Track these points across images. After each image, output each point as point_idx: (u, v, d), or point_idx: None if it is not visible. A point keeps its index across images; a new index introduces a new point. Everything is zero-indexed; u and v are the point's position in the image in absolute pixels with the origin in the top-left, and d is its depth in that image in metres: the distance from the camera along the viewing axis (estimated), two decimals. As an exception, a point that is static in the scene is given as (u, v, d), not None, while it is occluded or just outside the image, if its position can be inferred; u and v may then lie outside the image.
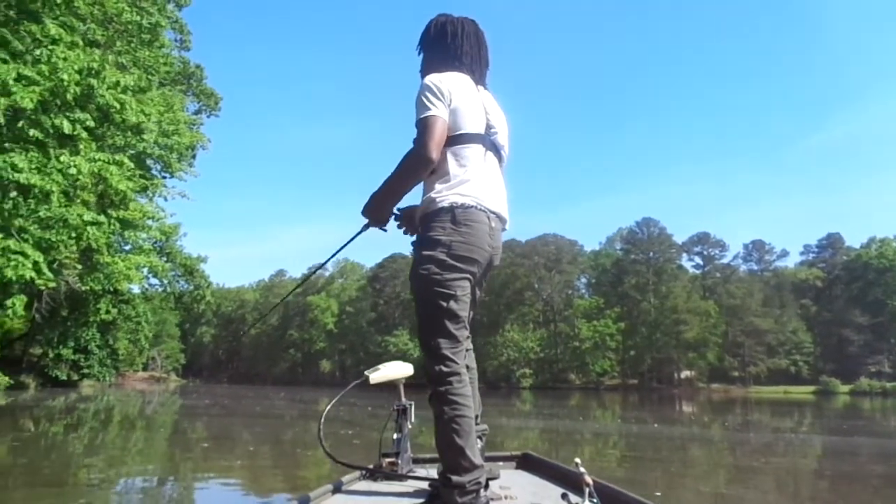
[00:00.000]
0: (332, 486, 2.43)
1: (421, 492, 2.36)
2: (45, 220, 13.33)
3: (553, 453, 8.80)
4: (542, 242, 75.41)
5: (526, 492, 2.41)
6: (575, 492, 2.13)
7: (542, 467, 2.90)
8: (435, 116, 2.14)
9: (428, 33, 2.47)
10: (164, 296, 36.98)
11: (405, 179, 2.22)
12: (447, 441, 2.03)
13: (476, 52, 2.43)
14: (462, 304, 2.18)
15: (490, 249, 2.25)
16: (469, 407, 2.09)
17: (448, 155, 2.22)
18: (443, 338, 2.13)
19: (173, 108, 22.94)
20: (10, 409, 17.53)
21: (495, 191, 2.33)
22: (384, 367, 2.93)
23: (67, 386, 33.02)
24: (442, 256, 2.13)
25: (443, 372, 2.10)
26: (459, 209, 2.16)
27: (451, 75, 2.28)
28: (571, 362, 69.10)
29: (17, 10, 12.25)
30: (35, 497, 5.29)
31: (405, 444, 2.71)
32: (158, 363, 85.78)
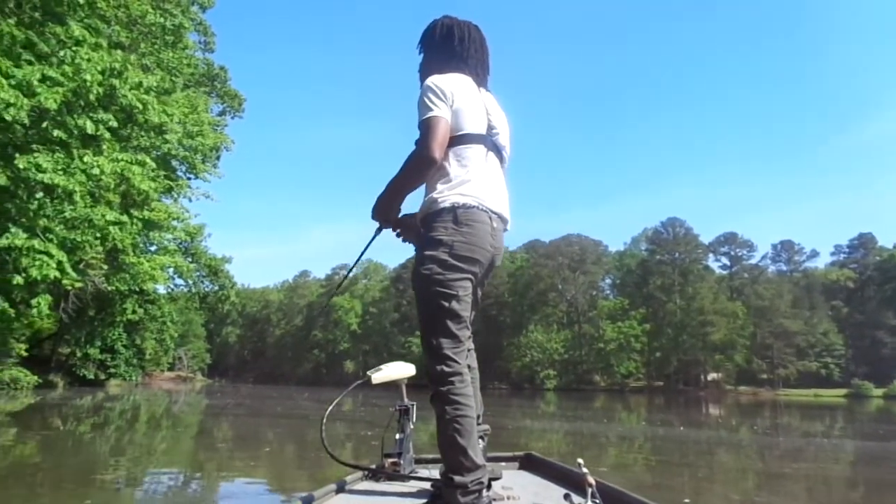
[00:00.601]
0: (336, 487, 2.44)
1: (423, 492, 2.37)
2: (70, 220, 13.47)
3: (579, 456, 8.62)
4: (565, 243, 74.83)
5: (528, 492, 2.41)
6: (577, 492, 2.15)
7: (545, 467, 2.91)
8: (437, 117, 2.16)
9: (433, 35, 2.49)
10: (189, 296, 37.43)
11: (409, 180, 2.25)
12: (449, 441, 2.04)
13: (481, 56, 2.47)
14: (464, 305, 2.19)
15: (492, 249, 2.26)
16: (471, 407, 2.10)
17: (450, 155, 2.24)
18: (444, 338, 2.14)
19: (197, 110, 23.10)
20: (40, 407, 17.72)
21: (497, 191, 2.34)
22: (386, 367, 2.92)
23: (95, 385, 33.45)
24: (444, 256, 2.15)
25: (444, 372, 2.10)
26: (461, 209, 2.18)
27: (454, 76, 2.30)
28: (596, 364, 68.49)
29: (42, 11, 12.39)
30: (62, 493, 5.28)
31: (407, 445, 2.72)
32: (185, 363, 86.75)
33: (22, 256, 11.22)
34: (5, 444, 8.89)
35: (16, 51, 11.87)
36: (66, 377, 32.50)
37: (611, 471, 7.00)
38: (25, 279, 11.42)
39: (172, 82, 19.06)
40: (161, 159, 22.50)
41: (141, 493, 5.47)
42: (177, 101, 20.63)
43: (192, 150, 23.73)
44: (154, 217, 21.19)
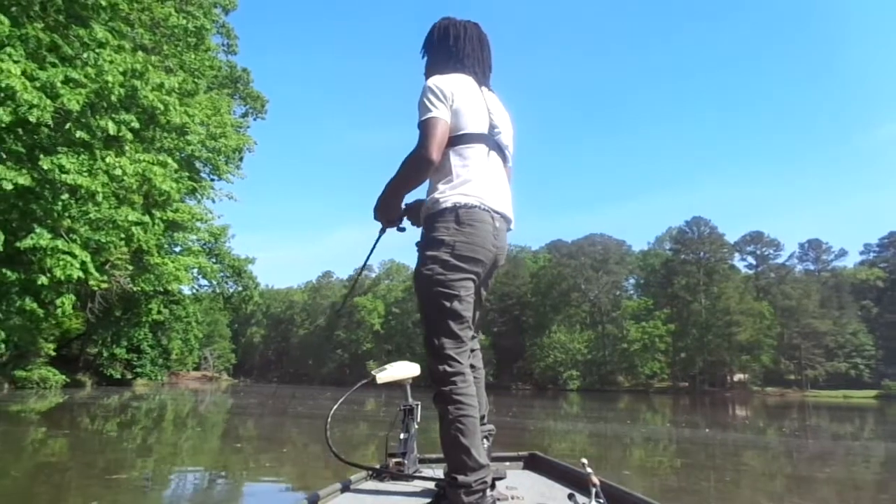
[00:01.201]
0: (341, 486, 2.46)
1: (427, 491, 2.37)
2: (95, 221, 13.60)
3: (602, 458, 8.47)
4: (588, 243, 74.30)
5: (532, 492, 2.41)
6: (581, 492, 2.15)
7: (549, 467, 2.91)
8: (436, 118, 2.16)
9: (431, 37, 2.51)
10: (214, 297, 37.74)
11: (407, 181, 2.25)
12: (452, 441, 2.04)
13: (479, 54, 2.46)
14: (466, 305, 2.19)
15: (494, 249, 2.27)
16: (474, 407, 2.10)
17: (451, 155, 2.24)
18: (447, 338, 2.14)
19: (220, 112, 23.23)
20: (68, 406, 17.96)
21: (499, 191, 2.33)
22: (391, 366, 2.94)
23: (122, 384, 33.89)
24: (445, 256, 2.15)
25: (447, 372, 2.11)
26: (463, 209, 2.17)
27: (454, 77, 2.30)
28: (620, 364, 67.90)
29: (66, 14, 12.52)
30: (88, 491, 5.30)
31: (411, 445, 2.72)
32: (210, 363, 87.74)
33: (46, 257, 11.34)
34: (34, 442, 8.99)
35: (41, 54, 12.01)
36: (94, 376, 32.97)
37: (635, 474, 6.85)
38: (50, 279, 11.56)
39: (195, 84, 19.18)
40: (185, 161, 22.70)
41: (154, 491, 5.45)
42: (200, 104, 20.78)
43: (215, 152, 23.88)
44: (178, 218, 21.33)
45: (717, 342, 63.97)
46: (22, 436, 9.72)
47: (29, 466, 6.69)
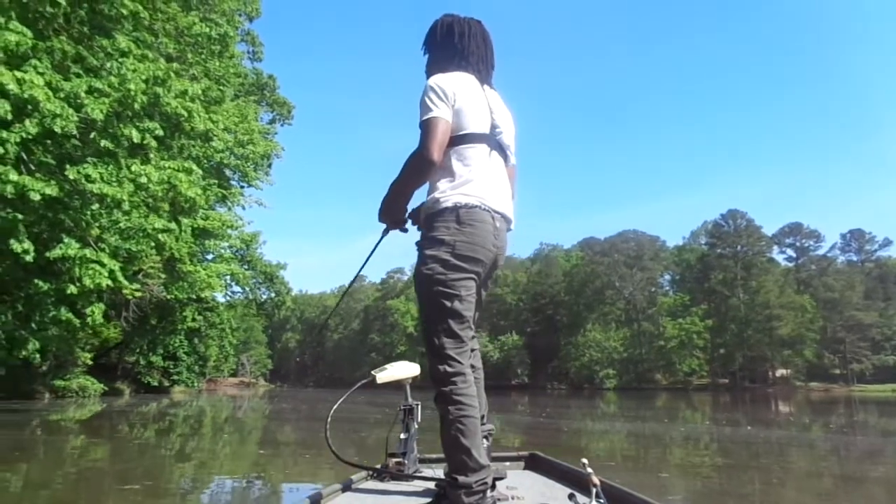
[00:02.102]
0: (342, 486, 2.47)
1: (427, 492, 2.37)
2: (125, 230, 13.73)
3: (640, 459, 8.17)
4: (621, 239, 73.30)
5: (533, 492, 2.42)
6: (582, 492, 2.15)
7: (550, 467, 2.91)
8: (437, 118, 2.15)
9: (434, 34, 2.48)
10: (247, 303, 38.13)
11: (409, 181, 2.25)
12: (452, 441, 2.04)
13: (482, 52, 2.44)
14: (466, 304, 2.18)
15: (494, 249, 2.26)
16: (474, 407, 2.09)
17: (452, 155, 2.23)
18: (447, 338, 2.13)
19: (247, 119, 23.42)
20: (107, 414, 18.13)
21: (500, 191, 2.32)
22: (391, 367, 2.94)
23: (159, 392, 34.31)
24: (446, 256, 2.14)
25: (447, 372, 2.10)
26: (463, 209, 2.17)
27: (456, 75, 2.29)
28: (657, 362, 66.83)
29: (89, 25, 12.64)
30: (129, 497, 5.28)
31: (412, 445, 2.73)
32: (247, 369, 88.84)
33: (75, 266, 11.43)
34: (73, 450, 9.02)
35: (66, 65, 12.12)
36: (132, 384, 33.44)
37: (674, 476, 6.55)
38: (79, 288, 11.65)
39: (221, 91, 19.32)
40: (214, 169, 22.92)
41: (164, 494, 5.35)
42: (227, 111, 20.94)
43: (243, 159, 24.10)
44: (208, 226, 21.55)
45: (758, 337, 62.55)
46: (62, 444, 9.81)
47: (69, 474, 6.69)
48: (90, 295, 12.48)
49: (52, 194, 10.71)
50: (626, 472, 6.56)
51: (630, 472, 6.63)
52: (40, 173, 11.34)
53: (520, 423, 14.56)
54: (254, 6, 23.04)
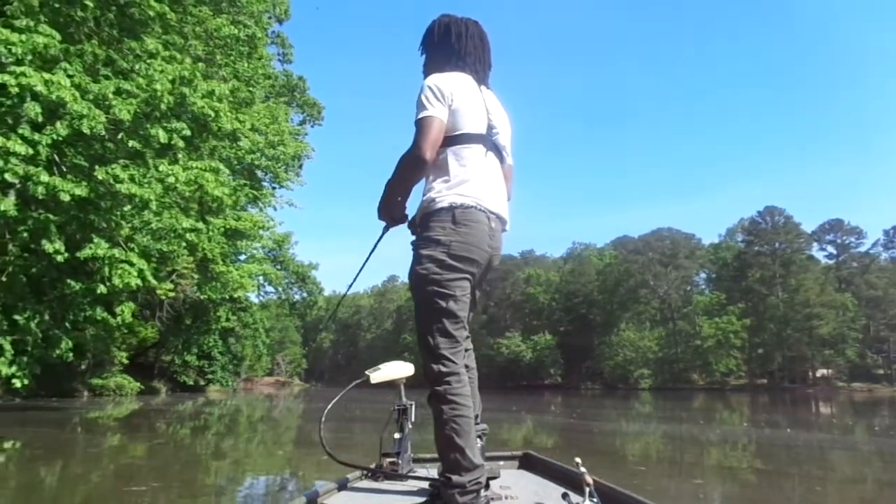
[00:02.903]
0: (337, 484, 2.50)
1: (422, 491, 2.37)
2: (157, 231, 13.85)
3: (675, 462, 7.91)
4: (655, 237, 72.14)
5: (527, 491, 2.43)
6: (576, 491, 2.15)
7: (544, 467, 2.92)
8: (431, 117, 2.15)
9: (431, 34, 2.48)
10: (280, 303, 38.49)
11: (403, 179, 2.26)
12: (446, 441, 2.04)
13: (480, 52, 2.44)
14: (461, 304, 2.19)
15: (490, 250, 2.27)
16: (468, 406, 2.11)
17: (448, 155, 2.24)
18: (442, 337, 2.14)
19: (278, 120, 23.55)
20: (145, 412, 18.39)
21: (496, 191, 2.33)
22: (385, 366, 2.93)
23: (195, 391, 34.77)
24: (441, 256, 2.15)
25: (441, 372, 2.11)
26: (459, 209, 2.18)
27: (453, 75, 2.29)
28: (693, 362, 65.62)
29: (118, 28, 12.79)
30: (166, 494, 5.30)
31: (406, 444, 2.74)
32: (283, 368, 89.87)
33: (105, 266, 11.54)
34: (110, 447, 9.09)
35: (97, 68, 12.26)
36: (168, 383, 33.95)
37: (710, 481, 6.28)
38: (109, 288, 11.78)
39: (251, 93, 19.43)
40: (246, 170, 23.10)
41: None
42: (258, 112, 21.06)
43: (274, 160, 24.22)
44: (240, 226, 21.69)
45: (797, 337, 60.95)
46: (99, 441, 9.95)
47: (101, 470, 6.74)
48: (120, 294, 12.59)
49: (82, 195, 10.83)
50: (659, 476, 6.32)
51: (663, 477, 6.39)
52: (72, 175, 11.48)
53: (548, 424, 14.33)
54: (282, 7, 23.13)
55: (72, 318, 13.88)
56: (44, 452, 7.99)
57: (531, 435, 11.43)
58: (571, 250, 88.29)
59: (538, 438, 10.77)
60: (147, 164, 11.69)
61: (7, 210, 10.29)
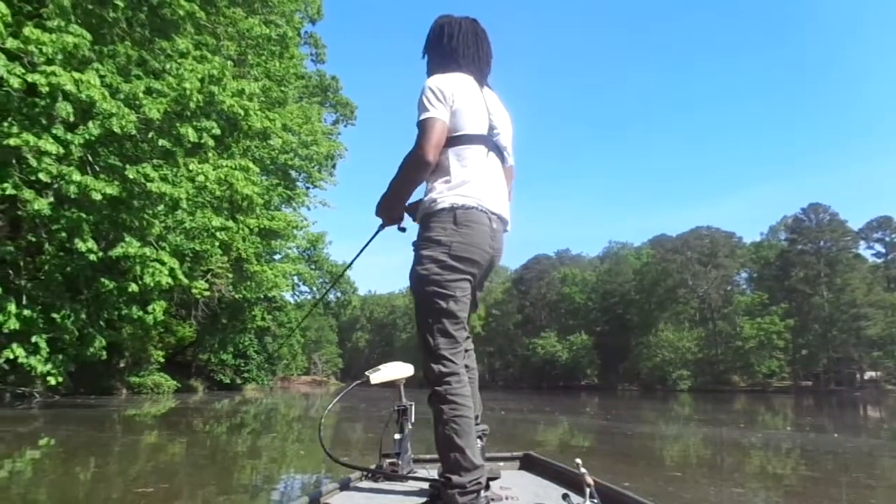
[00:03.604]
0: (339, 484, 2.50)
1: (422, 492, 2.36)
2: (190, 230, 13.94)
3: (715, 468, 7.57)
4: (694, 236, 70.78)
5: (527, 492, 2.43)
6: (576, 492, 2.16)
7: (544, 468, 2.92)
8: (433, 118, 2.16)
9: (429, 37, 2.49)
10: (314, 303, 38.73)
11: (406, 181, 2.26)
12: (447, 441, 2.04)
13: (474, 51, 2.42)
14: (462, 305, 2.19)
15: (491, 251, 2.26)
16: (468, 407, 2.10)
17: (450, 155, 2.24)
18: (442, 337, 2.14)
19: (311, 120, 23.65)
20: (181, 410, 18.54)
21: (497, 192, 2.33)
22: (385, 367, 2.94)
23: (232, 389, 35.13)
24: (442, 257, 2.15)
25: (442, 372, 2.11)
26: (460, 210, 2.18)
27: (454, 76, 2.30)
28: (734, 363, 64.19)
29: (150, 28, 12.90)
30: (204, 492, 5.29)
31: (406, 445, 2.74)
32: (319, 367, 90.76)
33: (136, 264, 11.62)
34: (148, 444, 9.11)
35: (128, 68, 12.36)
36: (206, 381, 34.38)
37: (752, 489, 5.93)
38: (141, 287, 11.87)
39: (283, 93, 19.51)
40: (280, 171, 23.25)
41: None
42: (291, 113, 21.16)
43: (307, 160, 24.32)
44: (274, 226, 21.83)
45: (843, 338, 59.15)
46: (131, 439, 9.98)
47: (127, 468, 6.72)
48: (152, 293, 12.69)
49: (113, 194, 10.91)
50: (696, 484, 5.99)
51: (701, 484, 6.06)
52: (104, 174, 11.58)
53: (581, 425, 13.98)
54: (314, 7, 23.18)
55: (106, 316, 14.02)
56: (76, 449, 8.03)
57: (560, 437, 11.14)
58: (608, 249, 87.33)
59: (566, 440, 10.48)
60: (177, 164, 11.75)
61: (41, 209, 10.43)
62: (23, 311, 11.55)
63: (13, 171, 10.56)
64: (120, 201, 11.60)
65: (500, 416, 16.46)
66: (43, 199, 10.61)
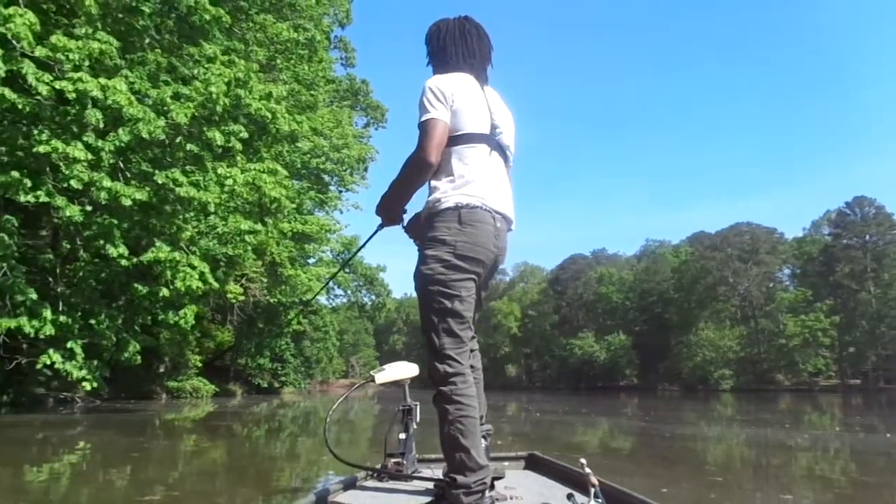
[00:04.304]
0: (344, 483, 2.53)
1: (427, 491, 2.35)
2: (223, 235, 14.02)
3: (758, 474, 7.23)
4: (734, 233, 69.26)
5: (532, 492, 2.41)
6: (581, 492, 2.16)
7: (549, 467, 2.90)
8: (435, 119, 2.16)
9: (426, 43, 2.51)
10: (349, 306, 38.95)
11: (408, 183, 2.28)
12: (452, 441, 2.04)
13: (463, 48, 2.39)
14: (467, 305, 2.19)
15: (495, 250, 2.26)
16: (473, 407, 2.08)
17: (453, 155, 2.23)
18: (447, 337, 2.13)
19: (342, 124, 23.73)
20: (220, 414, 18.70)
21: (500, 191, 2.33)
22: (390, 367, 2.95)
23: (269, 393, 35.41)
24: (447, 256, 2.15)
25: (447, 372, 2.09)
26: (465, 209, 2.17)
27: (454, 76, 2.29)
28: (777, 362, 62.60)
29: (178, 34, 13.01)
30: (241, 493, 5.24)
31: (410, 445, 2.75)
32: (357, 370, 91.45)
33: (167, 269, 11.70)
34: (186, 448, 9.13)
35: (159, 75, 12.47)
36: (244, 385, 34.74)
37: (800, 496, 5.61)
38: (172, 292, 11.95)
39: (312, 97, 19.56)
40: (314, 175, 23.36)
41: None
42: (322, 117, 21.23)
43: (339, 163, 24.40)
44: (307, 230, 21.92)
45: (893, 334, 57.19)
46: (178, 441, 10.09)
47: (186, 469, 6.76)
48: (183, 297, 12.77)
49: (143, 199, 11.00)
50: (740, 490, 5.68)
51: (745, 490, 5.74)
52: (135, 180, 11.70)
53: (618, 427, 13.63)
54: (343, 11, 23.23)
55: (140, 321, 14.18)
56: (113, 454, 8.06)
57: (598, 439, 10.85)
58: (645, 248, 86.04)
59: (605, 442, 10.19)
60: (205, 168, 11.82)
61: (73, 216, 10.57)
62: (59, 317, 11.72)
63: (47, 178, 10.72)
64: (151, 206, 11.70)
65: (536, 417, 16.20)
66: (75, 206, 10.75)
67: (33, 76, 9.61)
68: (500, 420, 15.10)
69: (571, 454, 7.44)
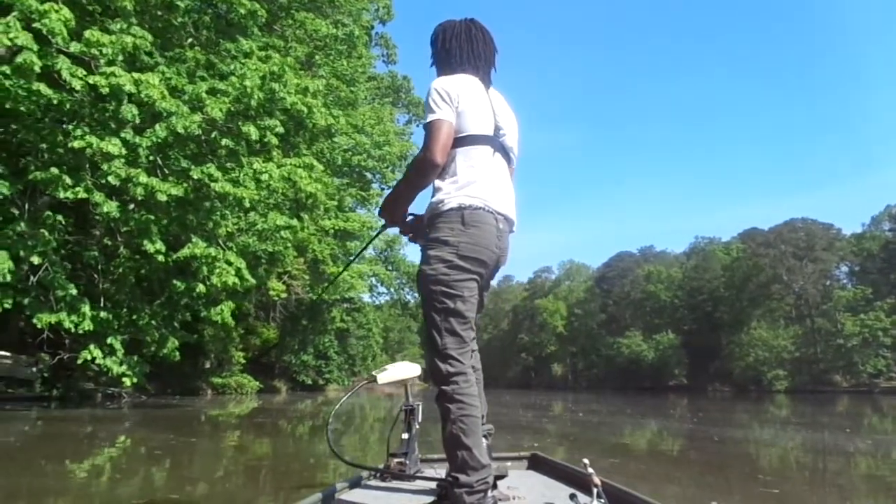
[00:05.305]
0: (349, 483, 2.55)
1: (430, 491, 2.36)
2: (263, 231, 14.00)
3: (815, 482, 6.73)
4: (788, 229, 67.05)
5: (534, 492, 2.41)
6: (583, 492, 2.17)
7: (552, 467, 2.89)
8: (440, 120, 2.17)
9: (431, 45, 2.51)
10: (392, 304, 38.97)
11: (414, 183, 2.30)
12: (454, 440, 2.06)
13: (468, 51, 2.41)
14: (469, 305, 2.20)
15: (497, 251, 2.28)
16: (475, 406, 2.11)
17: (456, 156, 2.25)
18: (450, 337, 2.15)
19: (383, 121, 23.63)
20: (264, 410, 18.80)
21: (503, 192, 2.35)
22: (392, 367, 2.95)
23: (314, 390, 35.66)
24: (450, 257, 2.17)
25: (449, 372, 2.12)
26: (468, 210, 2.20)
27: (459, 78, 2.31)
28: (835, 362, 60.35)
29: (215, 30, 13.03)
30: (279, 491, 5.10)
31: (413, 444, 2.76)
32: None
33: (203, 265, 11.70)
34: (230, 444, 9.10)
35: (197, 72, 12.49)
36: (288, 382, 35.08)
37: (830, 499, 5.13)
38: (208, 288, 11.95)
39: (352, 93, 19.47)
40: (355, 172, 23.33)
41: None
42: (363, 114, 21.16)
43: (380, 161, 24.32)
44: (349, 227, 21.91)
45: (959, 334, 54.67)
46: (223, 436, 10.14)
47: (229, 464, 6.77)
48: (220, 293, 12.78)
49: (179, 195, 11.01)
50: (797, 502, 5.24)
51: (805, 502, 5.29)
52: (173, 176, 11.73)
53: (664, 429, 13.09)
54: (382, 6, 23.08)
55: (179, 318, 14.27)
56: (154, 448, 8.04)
57: (644, 441, 10.39)
58: (694, 245, 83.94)
59: (653, 445, 9.75)
60: (241, 163, 11.79)
61: (111, 211, 10.64)
62: (99, 312, 11.83)
63: (85, 174, 10.81)
64: (187, 202, 11.72)
65: (579, 418, 15.76)
66: (112, 202, 10.82)
67: (67, 71, 9.66)
68: (543, 420, 14.72)
69: (614, 458, 7.07)
